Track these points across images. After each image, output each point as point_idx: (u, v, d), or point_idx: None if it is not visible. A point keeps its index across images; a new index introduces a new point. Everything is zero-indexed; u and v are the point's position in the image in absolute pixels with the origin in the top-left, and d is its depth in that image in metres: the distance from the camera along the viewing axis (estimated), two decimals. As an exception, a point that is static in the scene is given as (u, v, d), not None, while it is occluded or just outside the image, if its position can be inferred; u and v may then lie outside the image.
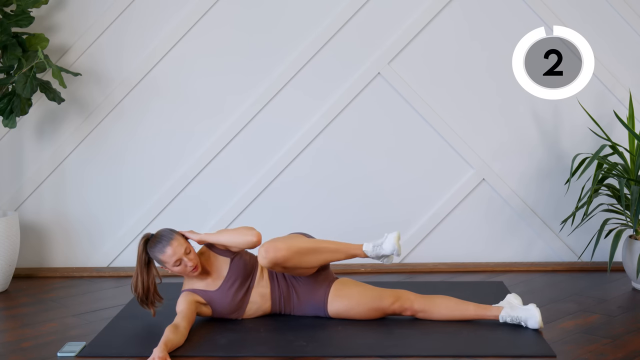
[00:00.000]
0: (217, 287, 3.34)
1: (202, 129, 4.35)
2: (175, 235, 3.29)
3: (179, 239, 3.28)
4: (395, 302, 3.34)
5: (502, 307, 3.31)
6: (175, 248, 3.24)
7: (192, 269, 3.26)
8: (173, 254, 3.23)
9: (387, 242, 3.37)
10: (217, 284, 3.34)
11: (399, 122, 4.35)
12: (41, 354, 3.08)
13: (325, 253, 3.33)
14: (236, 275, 3.34)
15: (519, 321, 3.26)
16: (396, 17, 4.29)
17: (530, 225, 4.38)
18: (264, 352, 3.05)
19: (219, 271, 3.36)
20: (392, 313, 3.37)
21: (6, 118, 3.98)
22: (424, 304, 3.35)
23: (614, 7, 4.28)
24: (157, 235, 3.30)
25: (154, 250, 3.27)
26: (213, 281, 3.35)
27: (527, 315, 3.25)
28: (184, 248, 3.25)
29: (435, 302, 3.36)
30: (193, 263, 3.26)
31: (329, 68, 4.31)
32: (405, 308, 3.35)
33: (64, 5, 4.28)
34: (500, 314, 3.29)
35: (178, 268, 3.26)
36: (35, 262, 4.40)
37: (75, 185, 4.38)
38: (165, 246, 3.24)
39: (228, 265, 3.35)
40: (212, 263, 3.38)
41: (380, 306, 3.35)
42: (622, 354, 3.00)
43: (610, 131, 4.29)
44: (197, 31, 4.29)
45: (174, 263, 3.24)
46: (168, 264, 3.26)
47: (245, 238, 3.29)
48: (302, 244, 3.28)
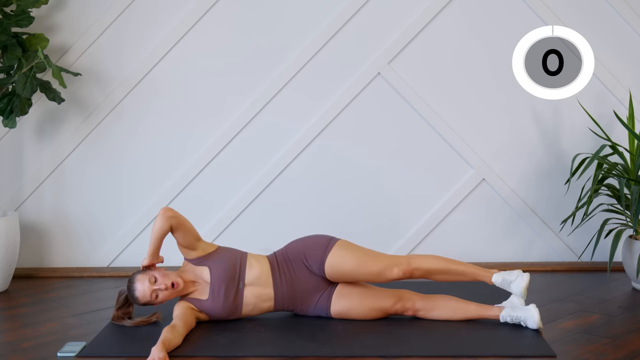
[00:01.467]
0: (207, 295, 3.33)
1: (202, 129, 4.35)
2: (135, 277, 3.29)
3: (139, 278, 3.28)
4: (397, 302, 3.34)
5: (503, 307, 3.32)
6: (140, 289, 3.26)
7: (170, 287, 3.25)
8: (143, 296, 3.26)
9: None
10: (206, 292, 3.34)
11: (399, 122, 4.35)
12: (41, 354, 3.07)
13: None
14: (219, 281, 3.31)
15: (519, 321, 3.27)
16: (396, 17, 4.29)
17: (530, 225, 4.38)
18: (264, 352, 3.05)
19: (204, 280, 3.35)
20: (394, 313, 3.37)
21: (6, 118, 3.98)
22: (426, 304, 3.35)
23: (614, 7, 4.28)
24: (126, 290, 3.32)
25: (135, 302, 3.31)
26: (202, 290, 3.34)
27: (526, 315, 3.25)
28: (147, 281, 3.26)
29: (437, 301, 3.36)
30: (165, 284, 3.25)
31: (329, 68, 4.31)
32: (407, 308, 3.35)
33: (64, 5, 4.28)
34: (500, 314, 3.30)
35: (161, 296, 3.26)
36: (35, 262, 4.40)
37: (75, 185, 4.38)
38: (133, 294, 3.27)
39: (208, 271, 3.34)
40: (196, 274, 3.37)
41: (383, 306, 3.34)
42: (622, 354, 3.00)
43: (610, 131, 4.29)
44: (197, 31, 4.29)
45: (153, 298, 3.26)
46: (153, 302, 3.28)
47: (157, 224, 3.30)
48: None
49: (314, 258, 3.36)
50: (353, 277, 3.36)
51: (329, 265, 3.32)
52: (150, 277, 3.27)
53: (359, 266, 3.31)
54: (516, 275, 3.34)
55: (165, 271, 3.32)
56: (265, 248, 4.39)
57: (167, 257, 3.50)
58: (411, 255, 3.41)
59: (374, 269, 3.30)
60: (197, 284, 3.36)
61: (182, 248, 3.38)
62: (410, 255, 3.42)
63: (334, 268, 3.33)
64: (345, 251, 3.34)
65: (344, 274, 3.34)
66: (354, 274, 3.34)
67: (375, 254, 3.37)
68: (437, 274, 3.35)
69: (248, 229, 4.37)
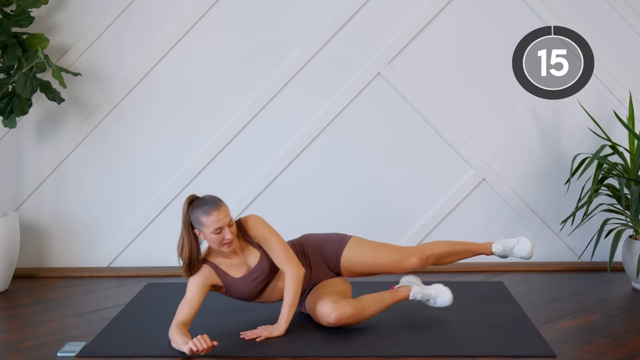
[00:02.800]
0: (240, 274, 3.25)
1: (202, 129, 4.35)
2: (223, 203, 3.15)
3: (227, 209, 3.13)
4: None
5: (411, 287, 3.37)
6: (221, 215, 3.09)
7: (228, 242, 3.12)
8: (217, 220, 3.08)
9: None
10: (241, 271, 3.25)
11: (399, 122, 4.35)
12: (41, 354, 3.07)
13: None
14: (262, 269, 3.26)
15: (429, 298, 3.36)
16: (396, 17, 4.30)
17: (530, 225, 4.38)
18: (264, 352, 3.05)
19: (246, 259, 3.27)
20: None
21: (6, 118, 3.98)
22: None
23: (614, 7, 4.28)
24: (204, 198, 3.16)
25: (199, 211, 3.11)
26: (238, 267, 3.25)
27: (436, 293, 3.36)
28: (229, 219, 3.12)
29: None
30: (232, 237, 3.12)
31: (329, 68, 4.31)
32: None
33: (64, 5, 4.28)
34: (410, 293, 3.35)
35: (215, 237, 3.10)
36: (35, 262, 4.40)
37: (75, 185, 4.38)
38: (212, 209, 3.09)
39: (257, 257, 3.26)
40: (242, 248, 3.26)
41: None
42: (622, 354, 3.00)
43: (610, 131, 4.29)
44: (197, 31, 4.29)
45: (214, 230, 3.08)
46: (207, 229, 3.09)
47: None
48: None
49: (330, 252, 3.39)
50: (369, 269, 3.39)
51: (346, 257, 3.37)
52: (232, 220, 3.13)
53: (376, 257, 3.37)
54: (516, 240, 3.50)
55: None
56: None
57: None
58: (419, 244, 3.52)
59: (390, 259, 3.37)
60: (235, 258, 3.25)
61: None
62: (418, 245, 3.52)
63: (350, 260, 3.37)
64: (361, 244, 3.41)
65: (361, 265, 3.38)
66: (371, 265, 3.38)
67: (389, 245, 3.45)
68: (446, 257, 3.48)
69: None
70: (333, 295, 3.26)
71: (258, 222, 3.27)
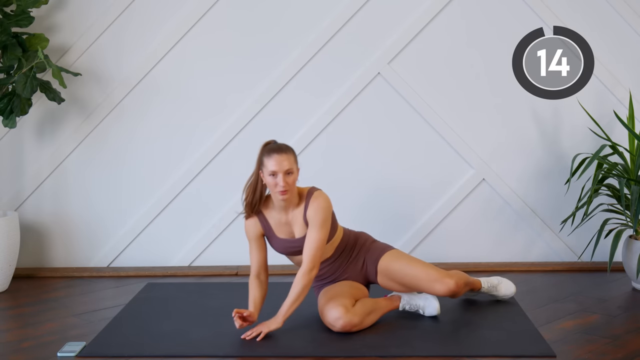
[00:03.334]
0: (282, 236, 3.32)
1: (202, 128, 4.35)
2: (290, 152, 3.20)
3: (290, 158, 3.17)
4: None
5: (400, 297, 3.43)
6: (283, 161, 3.14)
7: (281, 190, 3.15)
8: (275, 163, 3.14)
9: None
10: (284, 233, 3.31)
11: (398, 122, 4.35)
12: (41, 354, 3.07)
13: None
14: (302, 246, 3.28)
15: (417, 309, 3.39)
16: (396, 17, 4.30)
17: (530, 225, 4.38)
18: (264, 352, 3.05)
19: (293, 227, 3.30)
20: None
21: (6, 118, 3.98)
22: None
23: (614, 7, 4.28)
24: (276, 142, 3.25)
25: (265, 152, 3.19)
26: (285, 227, 3.30)
27: (425, 303, 3.38)
28: (287, 168, 3.14)
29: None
30: (284, 187, 3.14)
31: (329, 68, 4.31)
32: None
33: (64, 5, 4.28)
34: (400, 303, 3.41)
35: (270, 180, 3.15)
36: (35, 262, 4.40)
37: (75, 185, 4.38)
38: (275, 152, 3.16)
39: (304, 232, 3.26)
40: (297, 210, 3.28)
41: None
42: (622, 354, 3.00)
43: (610, 131, 4.29)
44: (198, 31, 4.29)
45: (270, 172, 3.14)
46: (266, 170, 3.16)
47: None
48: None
49: (372, 254, 3.42)
50: (403, 277, 3.34)
51: (384, 260, 3.38)
52: (293, 171, 3.17)
53: (411, 267, 3.33)
54: (497, 280, 3.61)
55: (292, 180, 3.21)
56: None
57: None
58: (456, 272, 3.46)
59: (426, 273, 3.31)
60: (285, 216, 3.28)
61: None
62: (457, 272, 3.46)
63: (387, 265, 3.37)
64: (401, 254, 3.43)
65: (395, 271, 3.35)
66: (405, 273, 3.33)
67: (429, 264, 3.40)
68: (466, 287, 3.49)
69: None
70: (346, 299, 3.27)
71: (320, 206, 3.24)
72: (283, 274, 4.21)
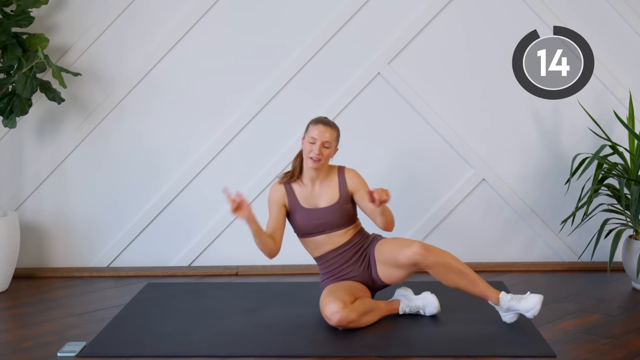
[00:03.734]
0: (307, 206, 3.43)
1: (202, 128, 4.35)
2: (335, 129, 3.38)
3: (333, 134, 3.36)
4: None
5: (399, 301, 3.44)
6: (325, 132, 3.34)
7: (314, 157, 3.33)
8: (317, 132, 3.34)
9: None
10: (309, 204, 3.43)
11: (398, 122, 4.35)
12: (41, 354, 3.08)
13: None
14: (326, 216, 3.39)
15: (417, 310, 3.40)
16: (396, 17, 4.30)
17: (530, 225, 4.38)
18: (264, 352, 3.05)
19: (319, 198, 3.44)
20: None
21: (6, 118, 3.98)
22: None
23: (614, 7, 4.28)
24: (329, 120, 3.42)
25: (316, 119, 3.40)
26: (309, 199, 3.43)
27: (424, 303, 3.40)
28: (326, 140, 3.33)
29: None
30: (317, 155, 3.33)
31: (329, 68, 4.31)
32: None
33: (64, 5, 4.28)
34: (399, 307, 3.42)
35: (307, 145, 3.35)
36: (35, 262, 4.40)
37: (75, 185, 4.38)
38: (320, 122, 3.37)
39: (328, 203, 3.41)
40: (323, 184, 3.43)
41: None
42: (622, 354, 3.00)
43: (610, 131, 4.29)
44: (197, 31, 4.29)
45: (310, 138, 3.35)
46: (307, 135, 3.36)
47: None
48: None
49: (371, 245, 3.47)
50: (387, 254, 3.37)
51: (376, 247, 3.44)
52: (331, 144, 3.36)
53: (391, 240, 3.42)
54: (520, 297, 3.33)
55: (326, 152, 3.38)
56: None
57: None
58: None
59: (397, 242, 3.38)
60: (311, 189, 3.43)
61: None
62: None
63: (378, 249, 3.42)
64: (391, 238, 3.50)
65: (382, 252, 3.40)
66: (387, 249, 3.38)
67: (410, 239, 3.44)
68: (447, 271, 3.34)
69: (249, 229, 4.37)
70: (346, 295, 3.29)
71: (359, 175, 3.47)
72: (284, 274, 4.22)
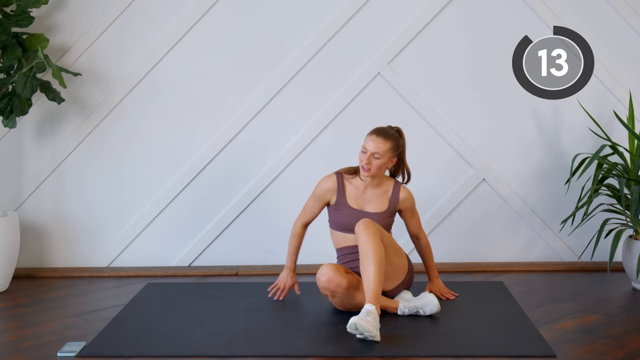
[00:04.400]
0: (353, 205, 3.53)
1: (203, 128, 4.35)
2: (388, 139, 3.48)
3: (385, 143, 3.45)
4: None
5: (398, 301, 3.45)
6: (378, 144, 3.46)
7: (364, 167, 3.46)
8: (368, 142, 3.48)
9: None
10: (356, 204, 3.54)
11: (398, 122, 4.31)
12: (41, 354, 3.07)
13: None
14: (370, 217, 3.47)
15: (417, 310, 3.40)
16: (396, 17, 4.30)
17: (530, 225, 4.38)
18: (264, 352, 3.05)
19: (366, 203, 3.56)
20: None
21: (6, 118, 3.98)
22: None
23: (614, 7, 4.28)
24: (387, 129, 3.54)
25: (373, 129, 3.53)
26: (358, 199, 3.56)
27: (423, 303, 3.40)
28: (375, 150, 3.44)
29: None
30: (367, 165, 3.45)
31: (329, 68, 4.31)
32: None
33: (64, 5, 4.28)
34: (398, 308, 3.43)
35: (360, 154, 3.49)
36: (35, 262, 4.40)
37: (75, 185, 4.38)
38: (374, 132, 3.50)
39: (374, 211, 3.52)
40: (374, 192, 3.56)
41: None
42: (622, 354, 3.00)
43: (610, 131, 4.29)
44: (197, 31, 4.29)
45: (362, 148, 3.49)
46: (364, 144, 3.49)
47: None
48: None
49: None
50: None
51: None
52: (383, 156, 3.47)
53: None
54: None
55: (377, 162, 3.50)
56: (267, 249, 4.41)
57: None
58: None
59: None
60: (363, 192, 3.56)
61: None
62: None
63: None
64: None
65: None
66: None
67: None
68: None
69: (249, 229, 4.37)
70: (344, 269, 3.41)
71: (412, 197, 3.64)
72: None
